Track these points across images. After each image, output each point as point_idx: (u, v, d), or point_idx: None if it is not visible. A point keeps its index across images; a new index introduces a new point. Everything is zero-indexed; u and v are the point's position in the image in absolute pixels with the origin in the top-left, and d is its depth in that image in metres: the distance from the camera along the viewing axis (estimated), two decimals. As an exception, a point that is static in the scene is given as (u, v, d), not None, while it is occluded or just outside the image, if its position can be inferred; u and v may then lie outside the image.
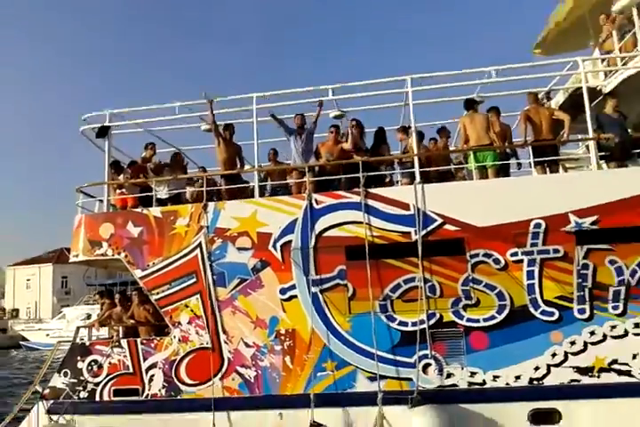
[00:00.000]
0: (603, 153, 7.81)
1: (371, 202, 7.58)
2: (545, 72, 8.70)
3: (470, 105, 8.34)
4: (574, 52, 11.18)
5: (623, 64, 8.74)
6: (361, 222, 7.50)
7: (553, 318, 7.02)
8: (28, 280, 64.43)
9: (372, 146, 8.79)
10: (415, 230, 7.37)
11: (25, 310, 62.13)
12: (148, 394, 7.63)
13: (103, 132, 8.75)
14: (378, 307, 7.28)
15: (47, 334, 41.16)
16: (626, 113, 8.26)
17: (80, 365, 7.91)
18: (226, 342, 7.58)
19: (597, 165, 7.72)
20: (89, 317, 7.91)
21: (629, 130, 8.31)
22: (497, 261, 7.21)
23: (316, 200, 7.74)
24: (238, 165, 9.00)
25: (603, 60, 9.21)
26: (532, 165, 7.98)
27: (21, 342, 44.34)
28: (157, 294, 7.92)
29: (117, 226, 8.25)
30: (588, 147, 9.39)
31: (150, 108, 8.89)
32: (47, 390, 7.89)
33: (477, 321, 7.14)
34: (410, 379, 7.07)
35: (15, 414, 8.19)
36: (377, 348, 7.12)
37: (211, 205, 8.04)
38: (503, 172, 8.11)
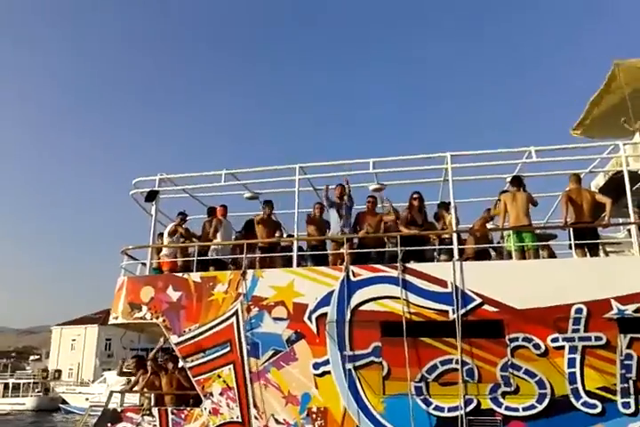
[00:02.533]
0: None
1: (408, 277, 7.56)
2: (585, 154, 8.79)
3: (518, 182, 8.39)
4: (615, 137, 11.20)
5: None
6: (397, 298, 7.46)
7: (596, 411, 6.74)
8: (74, 340, 64.68)
9: (423, 222, 8.76)
10: (453, 309, 7.28)
11: (67, 372, 61.89)
12: (175, 468, 7.48)
13: (152, 196, 9.05)
14: (413, 389, 7.11)
15: (87, 398, 40.61)
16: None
17: (109, 432, 7.85)
18: (256, 418, 7.46)
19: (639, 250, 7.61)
20: (129, 383, 7.93)
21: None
22: (537, 347, 7.04)
23: (353, 272, 7.76)
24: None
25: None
26: (573, 247, 7.91)
27: (60, 405, 44.10)
28: (191, 361, 7.90)
29: (158, 290, 8.36)
30: (629, 231, 9.30)
31: (198, 175, 9.22)
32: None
33: (517, 410, 6.89)
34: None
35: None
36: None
37: (249, 272, 8.12)
38: (549, 253, 8.05)
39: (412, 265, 7.63)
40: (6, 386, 53.55)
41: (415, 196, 8.82)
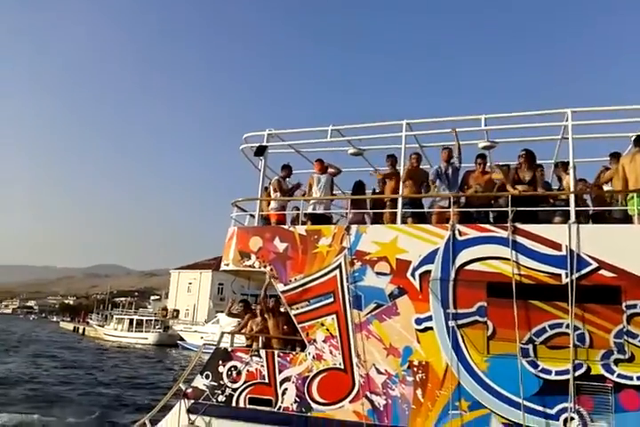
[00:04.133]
0: None
1: (519, 238, 7.29)
2: None
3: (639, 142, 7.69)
4: None
5: None
6: (507, 259, 7.23)
7: None
8: (190, 284, 69.73)
9: (530, 180, 8.30)
10: (566, 273, 6.96)
11: (184, 312, 67.25)
12: (280, 406, 7.95)
13: (261, 151, 9.28)
14: (519, 350, 6.96)
15: (201, 337, 44.36)
16: None
17: (221, 369, 8.43)
18: (358, 366, 7.68)
19: None
20: (239, 325, 8.51)
21: None
22: (658, 316, 6.59)
23: (459, 231, 7.60)
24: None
25: None
26: None
27: (178, 342, 48.31)
28: (297, 309, 8.23)
29: (265, 240, 8.70)
30: None
31: (305, 131, 9.30)
32: (189, 390, 8.50)
33: (630, 378, 6.56)
34: (547, 431, 6.68)
35: (160, 409, 8.88)
36: (519, 394, 6.79)
37: (353, 227, 8.20)
38: None
39: (524, 226, 7.31)
40: (131, 322, 59.28)
41: (523, 153, 8.32)
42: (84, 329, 77.46)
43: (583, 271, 6.92)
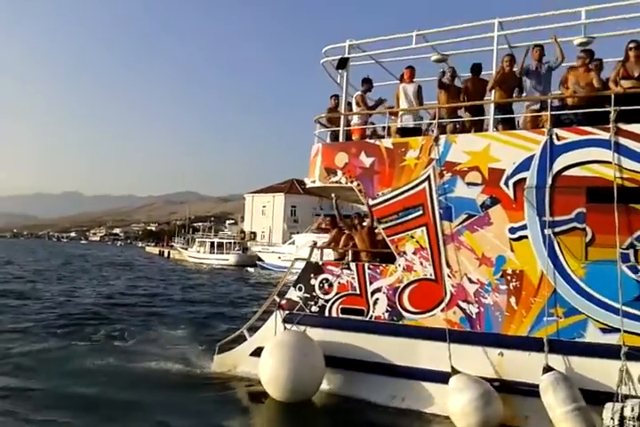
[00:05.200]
0: None
1: (622, 140, 6.84)
2: None
3: None
4: None
5: None
6: (609, 162, 6.85)
7: None
8: (264, 207, 71.55)
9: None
10: (674, 175, 6.53)
11: (260, 234, 69.84)
12: (372, 315, 8.21)
13: (343, 63, 8.98)
14: (619, 256, 6.74)
15: (279, 257, 46.47)
16: None
17: (313, 282, 8.75)
18: (449, 276, 7.73)
19: None
20: (315, 244, 8.65)
21: None
22: None
23: (557, 135, 7.21)
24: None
25: None
26: None
27: (257, 262, 50.62)
28: (386, 222, 8.26)
29: (351, 155, 8.63)
30: None
31: (387, 38, 8.88)
32: (284, 301, 8.91)
33: None
34: (650, 335, 6.58)
35: (257, 319, 9.39)
36: (619, 300, 6.66)
37: (442, 137, 7.97)
38: None
39: (629, 126, 6.83)
40: (212, 244, 62.26)
41: (632, 46, 7.54)
42: (168, 253, 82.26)
43: None
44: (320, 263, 8.90)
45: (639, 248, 6.70)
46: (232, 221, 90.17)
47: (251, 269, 47.44)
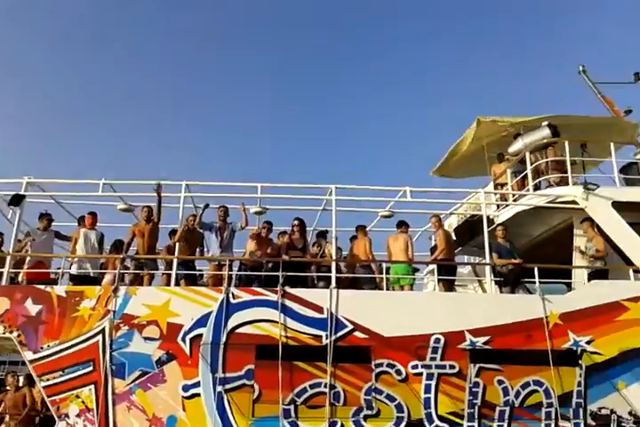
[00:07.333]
0: (497, 278, 8.70)
1: (288, 302, 7.76)
2: (448, 197, 10.07)
3: (400, 225, 9.36)
4: (469, 178, 12.82)
5: (514, 200, 10.02)
6: (275, 321, 7.61)
7: (445, 435, 7.38)
8: None
9: (302, 247, 8.96)
10: (326, 335, 7.60)
11: None
12: None
13: (17, 200, 8.31)
14: (282, 412, 7.24)
15: None
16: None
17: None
18: (116, 441, 7.08)
19: (486, 289, 8.67)
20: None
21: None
22: (399, 373, 7.57)
23: (233, 294, 7.78)
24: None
25: (501, 194, 10.62)
26: (435, 282, 8.74)
27: None
28: (47, 380, 7.32)
29: (14, 301, 7.68)
30: (474, 269, 10.69)
31: (70, 182, 8.74)
32: None
33: (378, 433, 7.31)
34: None
35: None
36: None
37: (122, 289, 7.79)
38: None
39: (292, 290, 7.85)
40: None
41: (295, 222, 9.08)
42: None
43: (340, 333, 7.65)
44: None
45: (299, 403, 7.34)
46: None
47: None
